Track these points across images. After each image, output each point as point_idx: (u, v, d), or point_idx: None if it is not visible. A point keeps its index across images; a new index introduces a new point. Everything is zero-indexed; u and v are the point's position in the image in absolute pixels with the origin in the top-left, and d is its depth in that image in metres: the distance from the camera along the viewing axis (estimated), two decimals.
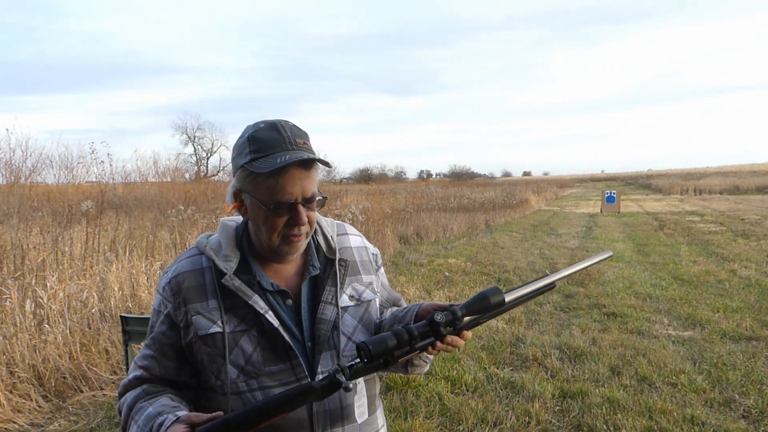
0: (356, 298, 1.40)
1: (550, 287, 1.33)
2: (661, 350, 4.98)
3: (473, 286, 8.02)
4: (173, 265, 1.37)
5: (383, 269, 1.56)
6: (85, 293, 5.05)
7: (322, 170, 1.33)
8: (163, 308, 1.33)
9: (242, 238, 1.36)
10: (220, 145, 48.42)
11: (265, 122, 1.28)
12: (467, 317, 1.26)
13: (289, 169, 1.22)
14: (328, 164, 1.29)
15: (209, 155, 48.71)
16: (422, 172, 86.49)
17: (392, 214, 13.25)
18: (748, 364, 4.62)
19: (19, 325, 4.38)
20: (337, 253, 1.40)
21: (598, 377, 4.43)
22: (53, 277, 5.04)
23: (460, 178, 68.96)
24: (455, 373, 4.46)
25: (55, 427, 3.83)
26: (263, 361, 1.28)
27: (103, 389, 4.33)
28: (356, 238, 1.50)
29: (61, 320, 4.63)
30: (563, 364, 4.76)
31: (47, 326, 4.52)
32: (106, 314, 5.11)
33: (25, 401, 4.00)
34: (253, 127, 1.28)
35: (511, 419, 3.74)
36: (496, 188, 31.67)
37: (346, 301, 1.38)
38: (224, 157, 48.77)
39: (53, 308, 4.66)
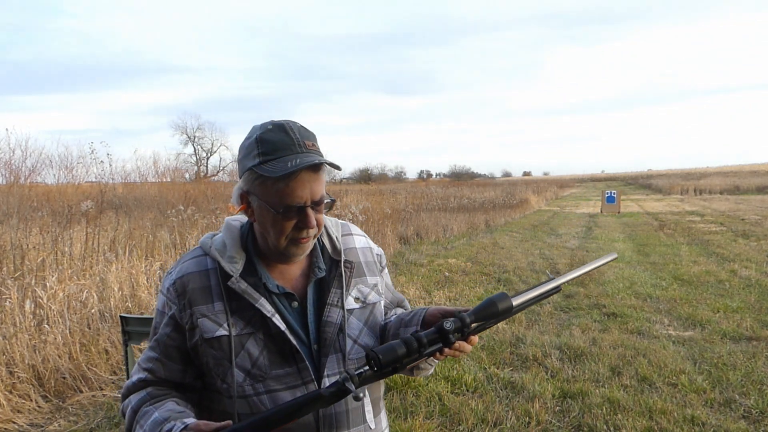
0: (362, 300, 1.39)
1: (555, 291, 1.33)
2: (661, 350, 4.98)
3: (473, 286, 8.02)
4: (177, 265, 1.35)
5: (387, 270, 1.54)
6: (84, 293, 5.05)
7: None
8: (167, 309, 1.31)
9: (247, 238, 1.34)
10: (220, 145, 48.48)
11: (273, 123, 1.26)
12: (475, 324, 1.26)
13: (299, 173, 1.21)
14: (338, 167, 1.27)
15: (209, 155, 48.77)
16: (422, 172, 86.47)
17: (392, 214, 13.24)
18: (748, 364, 4.61)
19: (18, 325, 4.38)
20: (342, 254, 1.39)
21: (598, 377, 4.43)
22: (53, 277, 5.04)
23: (460, 178, 68.93)
24: (455, 373, 4.46)
25: (54, 427, 3.83)
26: (270, 364, 1.27)
27: (102, 389, 4.33)
28: (361, 238, 1.48)
29: (60, 320, 4.63)
30: (563, 364, 4.75)
31: (47, 326, 4.52)
32: (105, 314, 5.11)
33: (24, 401, 4.00)
34: (260, 128, 1.26)
35: (511, 419, 3.74)
36: (496, 188, 31.66)
37: (351, 303, 1.36)
38: (224, 157, 48.86)
39: (53, 308, 4.66)
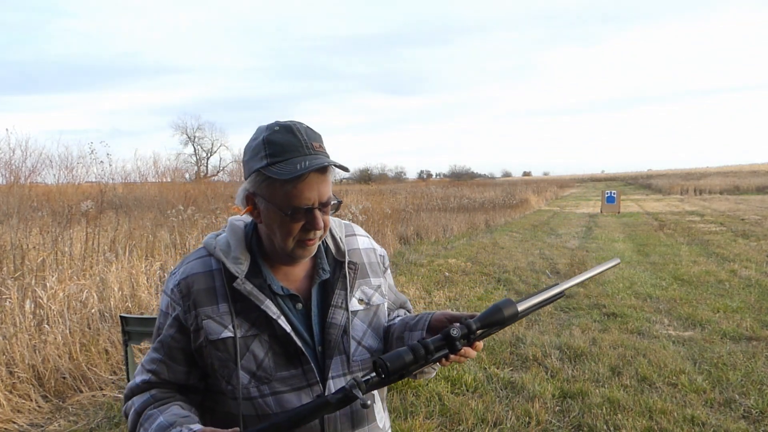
0: (365, 302, 1.39)
1: (559, 296, 1.33)
2: (661, 350, 4.98)
3: (473, 286, 8.02)
4: (181, 266, 1.34)
5: (389, 270, 1.54)
6: (84, 293, 5.05)
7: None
8: (171, 311, 1.30)
9: (251, 239, 1.34)
10: (220, 145, 48.53)
11: (279, 124, 1.25)
12: (480, 330, 1.26)
13: (307, 175, 1.20)
14: (346, 168, 1.26)
15: (209, 155, 48.81)
16: (422, 172, 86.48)
17: (392, 214, 13.24)
18: (748, 364, 4.62)
19: (18, 325, 4.38)
20: (346, 255, 1.38)
21: (598, 377, 4.43)
22: (53, 277, 5.04)
23: (460, 178, 68.95)
24: (455, 373, 4.46)
25: (54, 427, 3.83)
26: (275, 366, 1.27)
27: (102, 389, 4.33)
28: (364, 239, 1.48)
29: (60, 320, 4.63)
30: (563, 364, 4.75)
31: (47, 326, 4.52)
32: (105, 314, 5.11)
33: (24, 401, 4.00)
34: (267, 129, 1.25)
35: (511, 419, 3.74)
36: (496, 188, 31.65)
37: (355, 305, 1.36)
38: (224, 157, 48.91)
39: (53, 308, 4.66)
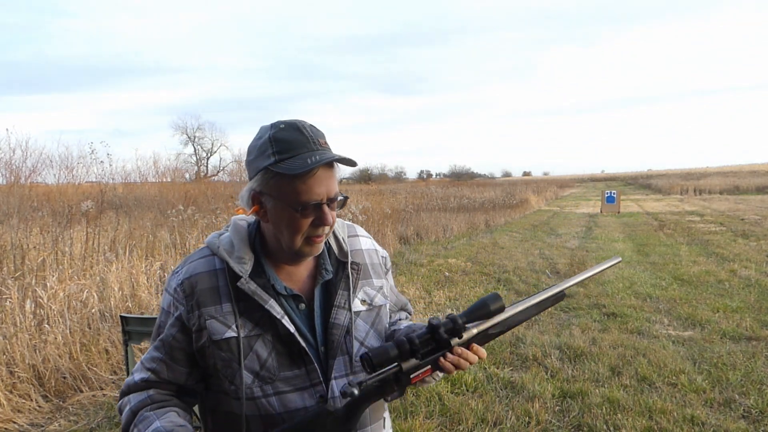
0: (368, 302, 1.39)
1: (560, 297, 1.35)
2: (661, 350, 4.98)
3: (473, 286, 8.02)
4: (184, 265, 1.33)
5: (391, 272, 1.54)
6: (85, 293, 5.05)
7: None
8: (173, 310, 1.30)
9: (255, 239, 1.33)
10: (220, 145, 48.44)
11: (284, 123, 1.25)
12: (469, 324, 1.29)
13: (317, 170, 1.20)
14: (354, 162, 1.26)
15: (209, 155, 48.72)
16: (422, 172, 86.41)
17: (392, 214, 13.23)
18: (748, 364, 4.62)
19: (19, 325, 4.38)
20: (349, 255, 1.38)
21: (598, 377, 4.43)
22: (53, 277, 5.04)
23: (460, 178, 68.90)
24: (455, 373, 4.46)
25: (55, 427, 3.83)
26: (278, 366, 1.27)
27: (103, 389, 4.33)
28: (366, 240, 1.48)
29: (61, 320, 4.63)
30: (563, 364, 4.75)
31: (47, 326, 4.52)
32: (106, 314, 5.11)
33: (25, 401, 4.00)
34: (272, 127, 1.25)
35: (511, 419, 3.74)
36: (496, 188, 31.62)
37: (358, 305, 1.36)
38: (224, 157, 48.89)
39: (53, 308, 4.66)
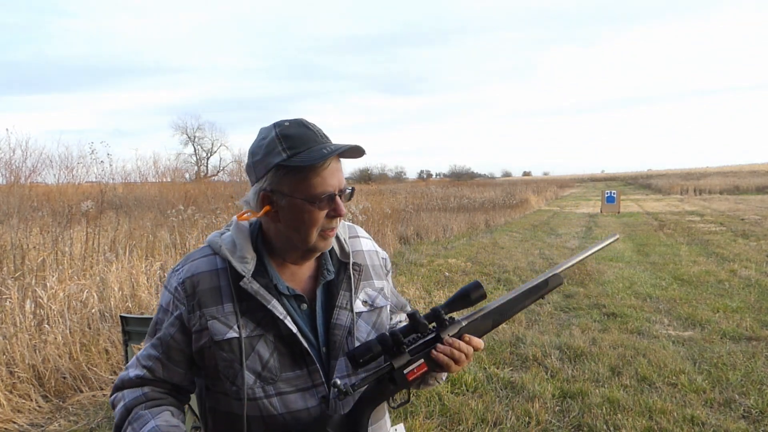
0: (369, 303, 1.39)
1: (558, 282, 1.38)
2: (661, 350, 4.98)
3: None
4: (185, 263, 1.32)
5: (391, 274, 1.54)
6: (85, 293, 5.05)
7: None
8: (173, 309, 1.29)
9: (257, 238, 1.33)
10: (220, 145, 48.41)
11: (288, 121, 1.26)
12: (453, 314, 1.33)
13: (329, 161, 1.22)
14: (364, 151, 1.27)
15: (209, 155, 48.69)
16: (422, 172, 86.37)
17: (392, 214, 13.23)
18: (748, 364, 4.61)
19: (19, 325, 4.38)
20: (350, 256, 1.38)
21: (598, 377, 4.43)
22: (53, 277, 5.04)
23: (460, 178, 68.87)
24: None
25: (55, 427, 3.83)
26: (280, 366, 1.26)
27: (103, 389, 4.33)
28: (367, 241, 1.48)
29: (61, 320, 4.63)
30: (563, 364, 4.75)
31: (47, 326, 4.52)
32: (106, 314, 5.11)
33: (25, 401, 4.00)
34: (276, 126, 1.25)
35: (511, 419, 3.74)
36: (496, 188, 31.62)
37: (359, 306, 1.36)
38: (224, 157, 48.85)
39: (53, 308, 4.66)
